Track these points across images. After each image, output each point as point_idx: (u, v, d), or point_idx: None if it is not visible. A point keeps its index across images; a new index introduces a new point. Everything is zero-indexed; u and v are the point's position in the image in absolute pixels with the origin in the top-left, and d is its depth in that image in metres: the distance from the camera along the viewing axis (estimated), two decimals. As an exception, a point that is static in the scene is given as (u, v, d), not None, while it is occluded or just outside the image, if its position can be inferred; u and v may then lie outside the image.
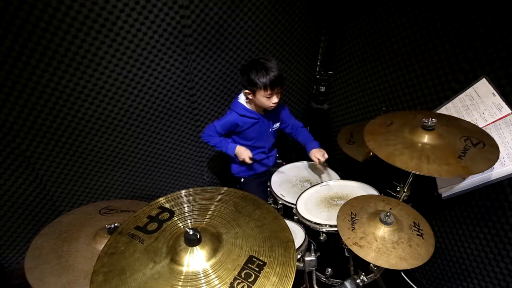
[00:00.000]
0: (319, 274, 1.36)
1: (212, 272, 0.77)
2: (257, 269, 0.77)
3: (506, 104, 1.15)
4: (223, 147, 1.60)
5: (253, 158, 1.57)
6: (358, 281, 1.15)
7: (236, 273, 0.76)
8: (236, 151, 1.59)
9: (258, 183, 1.73)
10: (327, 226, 1.25)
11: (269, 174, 1.69)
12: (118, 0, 1.31)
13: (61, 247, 1.14)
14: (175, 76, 1.62)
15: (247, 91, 1.49)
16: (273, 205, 1.56)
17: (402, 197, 1.35)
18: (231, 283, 0.73)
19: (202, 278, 0.75)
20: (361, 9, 1.72)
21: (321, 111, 2.18)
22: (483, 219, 1.30)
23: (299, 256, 1.16)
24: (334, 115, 2.17)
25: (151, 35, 1.45)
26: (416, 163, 1.05)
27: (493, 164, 1.04)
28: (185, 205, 0.98)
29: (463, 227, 1.40)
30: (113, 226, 1.09)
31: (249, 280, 0.74)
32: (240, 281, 0.74)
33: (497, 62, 1.15)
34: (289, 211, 1.44)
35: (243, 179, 1.78)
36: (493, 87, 1.18)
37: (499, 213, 1.23)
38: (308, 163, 1.75)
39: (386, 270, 1.22)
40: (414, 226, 1.08)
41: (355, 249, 1.01)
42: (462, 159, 1.05)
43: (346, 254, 1.20)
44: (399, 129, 1.23)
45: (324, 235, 1.26)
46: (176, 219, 0.93)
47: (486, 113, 1.21)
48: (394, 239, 1.03)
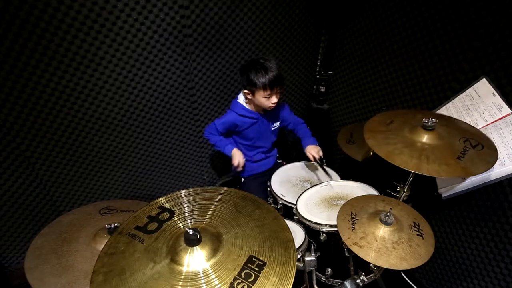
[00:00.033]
0: (319, 274, 1.36)
1: (212, 272, 0.77)
2: (257, 269, 0.77)
3: (506, 104, 1.15)
4: (221, 147, 1.60)
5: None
6: (358, 281, 1.15)
7: (236, 273, 0.76)
8: (232, 153, 1.59)
9: (258, 183, 1.73)
10: (327, 226, 1.25)
11: (269, 174, 1.69)
12: (118, 0, 1.31)
13: (61, 247, 1.14)
14: (175, 76, 1.62)
15: (246, 91, 1.49)
16: (273, 205, 1.56)
17: (402, 197, 1.34)
18: (231, 283, 0.73)
19: (202, 278, 0.75)
20: (361, 9, 1.72)
21: (321, 111, 2.18)
22: (483, 219, 1.30)
23: (299, 256, 1.16)
24: (334, 115, 2.17)
25: (151, 35, 1.45)
26: (416, 162, 1.05)
27: (491, 167, 1.04)
28: (185, 205, 0.98)
29: (463, 227, 1.40)
30: (113, 226, 1.09)
31: (249, 280, 0.74)
32: (240, 281, 0.74)
33: (497, 62, 1.15)
34: (289, 211, 1.44)
35: (243, 179, 1.78)
36: (493, 87, 1.18)
37: (499, 213, 1.23)
38: (308, 163, 1.75)
39: (386, 270, 1.22)
40: (414, 226, 1.08)
41: (355, 249, 1.01)
42: (461, 160, 1.05)
43: (346, 254, 1.20)
44: (399, 128, 1.23)
45: (324, 235, 1.26)
46: (176, 219, 0.93)
47: (486, 113, 1.21)
48: (394, 239, 1.03)
